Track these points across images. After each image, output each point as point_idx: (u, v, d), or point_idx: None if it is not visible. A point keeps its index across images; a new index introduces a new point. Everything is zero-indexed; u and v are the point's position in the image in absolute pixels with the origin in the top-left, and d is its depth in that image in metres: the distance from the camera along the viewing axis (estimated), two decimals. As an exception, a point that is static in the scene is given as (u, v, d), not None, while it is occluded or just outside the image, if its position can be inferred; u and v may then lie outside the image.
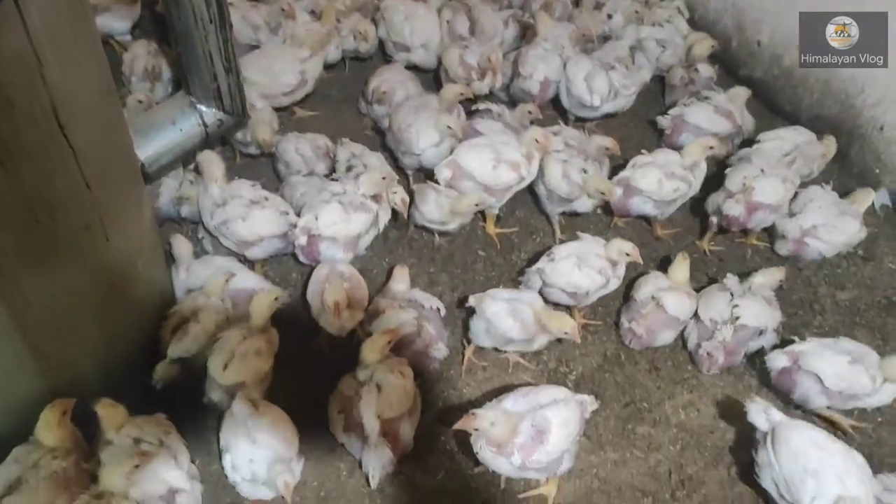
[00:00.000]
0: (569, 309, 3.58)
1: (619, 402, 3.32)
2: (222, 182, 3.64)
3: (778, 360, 3.20)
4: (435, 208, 3.76)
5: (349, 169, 3.87)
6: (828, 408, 3.19)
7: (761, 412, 2.85)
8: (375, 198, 3.67)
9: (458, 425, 2.72)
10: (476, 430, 2.71)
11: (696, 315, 3.45)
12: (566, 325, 3.16)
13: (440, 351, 3.33)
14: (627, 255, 3.46)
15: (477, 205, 3.73)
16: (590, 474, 3.06)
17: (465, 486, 2.99)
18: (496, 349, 3.41)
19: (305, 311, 3.51)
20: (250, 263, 3.69)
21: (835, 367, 3.08)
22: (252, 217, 3.55)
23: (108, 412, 2.74)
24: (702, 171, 3.94)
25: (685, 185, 3.85)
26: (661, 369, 3.46)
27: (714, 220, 3.93)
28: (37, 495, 2.48)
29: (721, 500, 2.99)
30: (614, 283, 3.55)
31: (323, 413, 3.02)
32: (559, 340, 3.35)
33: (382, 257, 3.90)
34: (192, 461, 2.85)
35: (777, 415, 2.83)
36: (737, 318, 3.33)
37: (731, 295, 3.41)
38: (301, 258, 3.66)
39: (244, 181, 3.73)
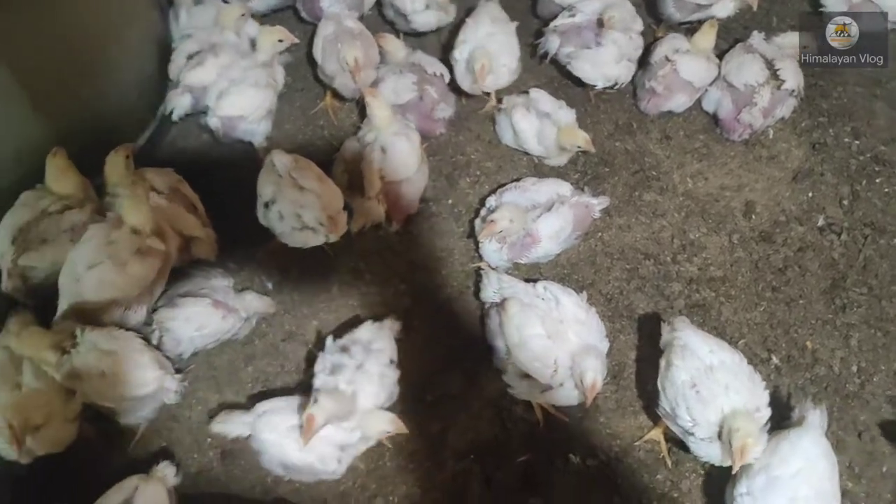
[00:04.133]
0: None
1: (627, 169, 3.29)
2: None
3: None
4: None
5: None
6: None
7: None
8: None
9: (482, 235, 2.81)
10: (500, 232, 2.76)
11: (725, 82, 3.29)
12: (578, 139, 3.08)
13: (445, 111, 3.25)
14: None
15: None
16: (594, 238, 3.11)
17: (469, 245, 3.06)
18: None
19: (311, 72, 3.38)
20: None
21: None
22: (251, -37, 3.31)
23: (115, 164, 2.71)
24: None
25: None
26: (673, 139, 3.39)
27: None
28: (63, 248, 2.51)
29: (720, 264, 3.05)
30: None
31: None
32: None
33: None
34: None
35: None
36: (783, 81, 3.19)
37: (763, 57, 3.25)
38: (302, 14, 3.46)
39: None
